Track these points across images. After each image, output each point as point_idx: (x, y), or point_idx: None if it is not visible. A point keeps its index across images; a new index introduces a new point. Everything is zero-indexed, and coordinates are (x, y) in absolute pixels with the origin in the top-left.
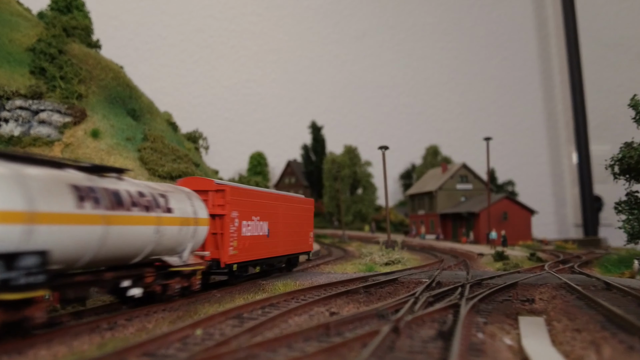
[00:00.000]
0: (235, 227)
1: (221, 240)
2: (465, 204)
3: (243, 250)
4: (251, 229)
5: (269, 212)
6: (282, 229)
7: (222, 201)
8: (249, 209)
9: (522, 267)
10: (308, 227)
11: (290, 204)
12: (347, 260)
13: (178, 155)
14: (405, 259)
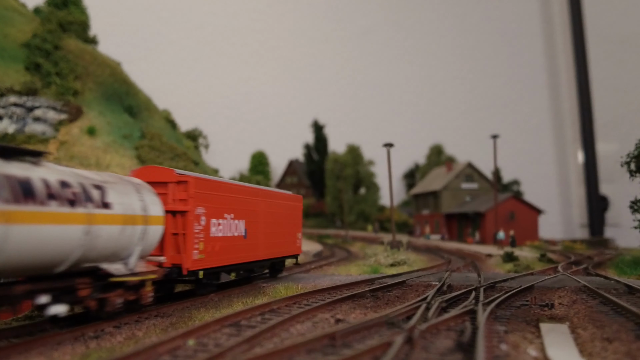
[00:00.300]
0: (201, 227)
1: (183, 242)
2: (471, 204)
3: (212, 253)
4: (223, 228)
5: (246, 209)
6: (264, 230)
7: (184, 195)
8: (220, 205)
9: (533, 268)
10: (296, 228)
11: (273, 201)
12: (350, 262)
13: (176, 153)
14: (411, 260)
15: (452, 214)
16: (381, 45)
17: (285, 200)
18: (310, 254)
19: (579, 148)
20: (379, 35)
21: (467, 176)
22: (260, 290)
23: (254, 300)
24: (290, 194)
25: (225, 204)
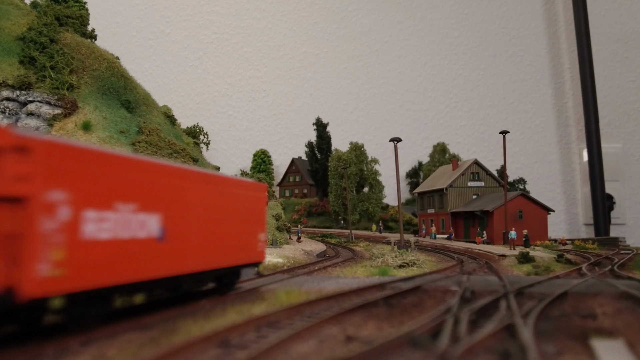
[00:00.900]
0: (60, 222)
1: (20, 247)
2: (478, 202)
3: (87, 266)
4: (113, 226)
5: (163, 197)
6: (200, 229)
7: (25, 169)
8: (108, 190)
9: (554, 270)
10: (256, 226)
11: (218, 189)
12: (356, 262)
13: (175, 149)
14: (420, 260)
15: (458, 213)
16: (384, 44)
17: (240, 189)
18: (313, 254)
19: (583, 146)
20: (382, 34)
21: (473, 174)
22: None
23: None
24: (250, 181)
25: (118, 189)
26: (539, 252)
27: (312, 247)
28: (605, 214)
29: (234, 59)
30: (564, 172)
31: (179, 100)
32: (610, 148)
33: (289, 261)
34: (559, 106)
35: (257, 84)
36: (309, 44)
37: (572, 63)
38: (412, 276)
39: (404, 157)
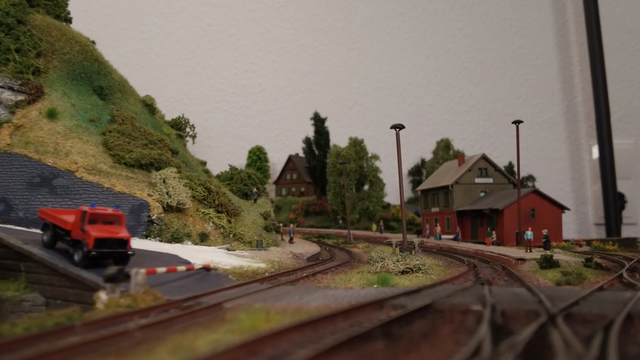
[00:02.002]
0: None
1: None
2: (486, 200)
3: None
4: None
5: None
6: None
7: None
8: None
9: (588, 278)
10: None
11: None
12: (352, 267)
13: (151, 140)
14: (426, 265)
15: (465, 212)
16: (386, 35)
17: None
18: (303, 257)
19: (593, 143)
20: (383, 26)
21: (481, 170)
22: (219, 314)
23: (195, 340)
24: None
25: None
26: (560, 254)
27: (305, 249)
28: (617, 213)
29: (229, 52)
30: (573, 170)
31: (171, 94)
32: (622, 144)
33: (273, 266)
34: (568, 101)
35: (253, 78)
36: (307, 37)
37: (582, 56)
38: (418, 288)
39: (406, 154)
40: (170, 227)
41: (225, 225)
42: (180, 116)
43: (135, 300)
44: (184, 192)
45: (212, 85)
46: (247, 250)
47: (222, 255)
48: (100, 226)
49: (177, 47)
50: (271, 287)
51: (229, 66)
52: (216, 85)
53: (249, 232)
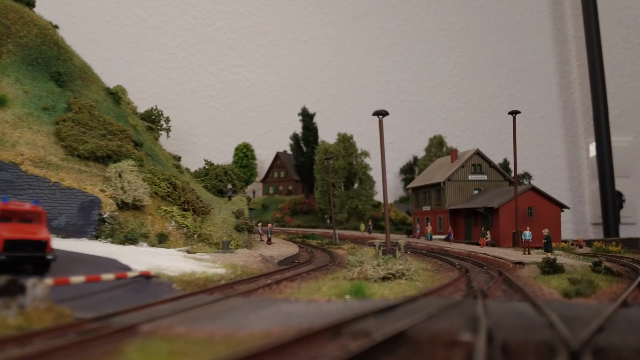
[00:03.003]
0: None
1: None
2: (481, 198)
3: None
4: None
5: None
6: None
7: None
8: None
9: (600, 287)
10: None
11: None
12: (327, 272)
13: (110, 130)
14: (411, 270)
15: (458, 210)
16: (378, 29)
17: None
18: (274, 260)
19: (591, 140)
20: (375, 19)
21: (475, 166)
22: (117, 345)
23: None
24: None
25: None
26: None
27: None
28: (615, 212)
29: (216, 46)
30: (570, 168)
31: (156, 90)
32: (620, 142)
33: (235, 272)
34: (565, 97)
35: (240, 73)
36: (296, 30)
37: (580, 50)
38: (395, 303)
39: (398, 151)
40: (125, 227)
41: (190, 224)
42: (154, 108)
43: (29, 319)
44: (142, 187)
45: (199, 80)
46: (211, 252)
47: (176, 259)
48: (14, 225)
49: (162, 40)
50: (216, 301)
51: (216, 61)
52: (202, 81)
53: (218, 233)
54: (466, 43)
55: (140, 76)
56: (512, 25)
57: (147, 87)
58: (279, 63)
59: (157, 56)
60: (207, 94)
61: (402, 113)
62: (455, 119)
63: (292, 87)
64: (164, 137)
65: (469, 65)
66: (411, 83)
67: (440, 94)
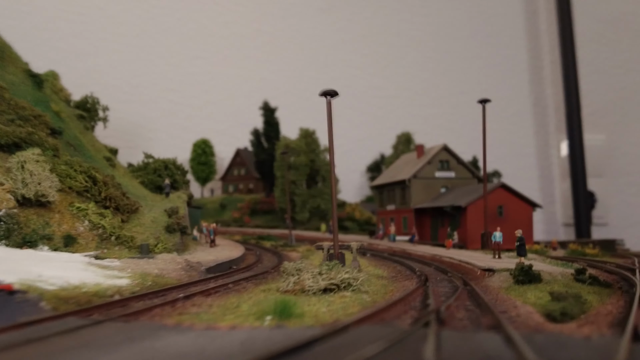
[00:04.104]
0: None
1: None
2: (448, 196)
3: None
4: None
5: None
6: None
7: None
8: None
9: (589, 302)
10: None
11: None
12: (262, 282)
13: (22, 115)
14: (359, 280)
15: (424, 210)
16: (346, 22)
17: None
18: (202, 267)
19: (563, 138)
20: (343, 12)
21: (442, 162)
22: None
23: None
24: None
25: None
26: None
27: (220, 255)
28: (588, 213)
29: (177, 36)
30: (541, 166)
31: (112, 82)
32: (593, 140)
33: (143, 283)
34: (537, 93)
35: (202, 66)
36: (261, 21)
37: (553, 46)
38: (322, 334)
39: (365, 149)
40: (25, 227)
41: (107, 224)
42: (88, 95)
43: None
44: (47, 180)
45: (157, 72)
46: (126, 258)
47: (74, 267)
48: None
49: (120, 31)
50: (78, 328)
51: (175, 52)
52: (161, 73)
53: (145, 234)
54: (437, 38)
55: (96, 68)
56: (484, 20)
57: (103, 79)
58: (242, 55)
59: (114, 47)
60: (165, 87)
61: (371, 109)
62: (424, 116)
63: (255, 80)
64: (117, 131)
65: (439, 60)
66: (380, 78)
67: (410, 89)
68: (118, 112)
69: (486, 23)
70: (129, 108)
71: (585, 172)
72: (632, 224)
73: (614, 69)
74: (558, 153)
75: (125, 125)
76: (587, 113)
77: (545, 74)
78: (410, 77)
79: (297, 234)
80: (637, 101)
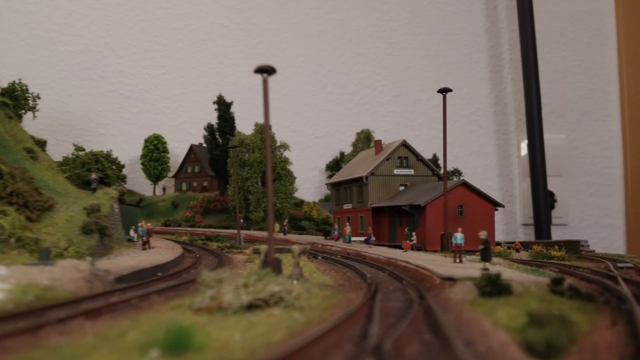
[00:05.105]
0: None
1: None
2: (406, 194)
3: None
4: None
5: None
6: None
7: None
8: None
9: (576, 323)
10: None
11: None
12: (175, 296)
13: None
14: (294, 293)
15: (382, 209)
16: (304, 16)
17: None
18: (109, 277)
19: (523, 138)
20: (302, 5)
21: (401, 159)
22: None
23: None
24: None
25: None
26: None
27: (148, 259)
28: (547, 213)
29: (128, 28)
30: (501, 166)
31: (59, 75)
32: (553, 139)
33: (21, 298)
34: (497, 92)
35: (154, 59)
36: (217, 14)
37: (513, 44)
38: None
39: (324, 147)
40: None
41: (7, 224)
42: (16, 82)
43: None
44: None
45: (107, 65)
46: (19, 264)
47: None
48: None
49: (68, 21)
50: None
51: (127, 44)
52: (112, 66)
53: (56, 235)
54: (396, 34)
55: (43, 59)
56: (444, 16)
57: (50, 71)
58: (197, 48)
59: (62, 38)
60: (116, 80)
61: (329, 106)
62: (384, 113)
63: (211, 75)
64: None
65: (399, 57)
66: (339, 74)
67: (370, 86)
68: (66, 106)
69: (446, 20)
70: (77, 102)
71: (545, 172)
72: (590, 224)
73: (573, 68)
74: (518, 152)
75: (74, 119)
76: (546, 112)
77: (505, 73)
78: (370, 73)
79: (249, 234)
80: (595, 100)
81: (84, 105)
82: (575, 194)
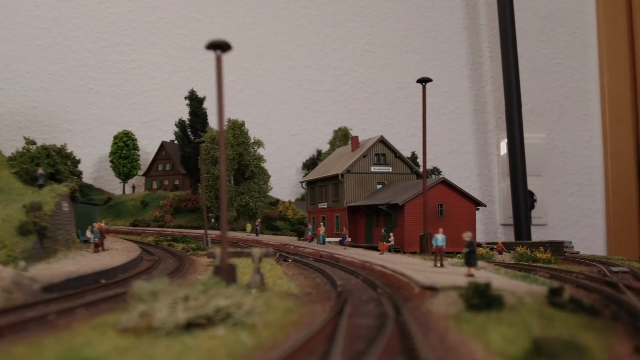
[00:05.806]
0: None
1: None
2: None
3: None
4: None
5: None
6: None
7: None
8: None
9: (589, 349)
10: None
11: None
12: (108, 310)
13: None
14: (245, 307)
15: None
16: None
17: None
18: (34, 286)
19: (502, 136)
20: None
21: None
22: None
23: None
24: None
25: None
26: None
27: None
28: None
29: (98, 21)
30: (480, 165)
31: (26, 69)
32: (533, 138)
33: None
34: (477, 90)
35: (125, 53)
36: (190, 7)
37: (493, 41)
38: None
39: (301, 145)
40: None
41: None
42: None
43: None
44: None
45: (76, 59)
46: None
47: None
48: None
49: (35, 13)
50: None
51: (96, 38)
52: (81, 60)
53: None
54: (375, 30)
55: (8, 53)
56: (423, 12)
57: (16, 65)
58: (169, 43)
59: (29, 31)
60: (86, 75)
61: (306, 103)
62: (362, 111)
63: (183, 70)
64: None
65: (377, 53)
66: (316, 71)
67: (347, 83)
68: (33, 101)
69: (425, 16)
70: (45, 97)
71: (525, 171)
72: (570, 224)
73: (554, 66)
74: (498, 151)
75: (41, 115)
76: (526, 111)
77: (485, 70)
78: (347, 70)
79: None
80: (576, 99)
81: (52, 100)
82: (555, 194)
